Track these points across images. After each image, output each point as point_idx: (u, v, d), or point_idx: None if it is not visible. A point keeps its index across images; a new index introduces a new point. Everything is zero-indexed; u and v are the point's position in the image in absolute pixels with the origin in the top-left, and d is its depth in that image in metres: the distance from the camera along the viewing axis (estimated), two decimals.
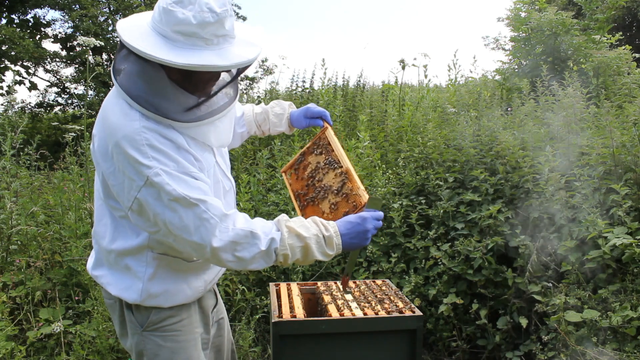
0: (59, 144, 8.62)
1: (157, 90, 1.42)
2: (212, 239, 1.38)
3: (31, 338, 3.08)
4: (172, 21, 1.35)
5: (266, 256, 1.45)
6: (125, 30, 1.39)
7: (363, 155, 4.29)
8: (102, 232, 1.60)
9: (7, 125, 4.06)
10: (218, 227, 1.39)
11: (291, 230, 1.47)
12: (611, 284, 2.86)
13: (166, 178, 1.36)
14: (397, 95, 5.79)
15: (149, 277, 1.56)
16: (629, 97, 4.55)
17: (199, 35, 1.36)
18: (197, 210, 1.37)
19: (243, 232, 1.41)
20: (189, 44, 1.37)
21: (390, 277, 3.49)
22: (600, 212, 3.13)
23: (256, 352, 3.31)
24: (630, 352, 2.53)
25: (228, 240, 1.40)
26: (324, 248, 1.50)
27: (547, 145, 3.59)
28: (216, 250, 1.39)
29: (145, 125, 1.40)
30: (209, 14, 1.35)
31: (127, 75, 1.44)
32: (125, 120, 1.40)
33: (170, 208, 1.37)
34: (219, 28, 1.37)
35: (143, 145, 1.37)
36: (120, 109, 1.43)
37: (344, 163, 1.81)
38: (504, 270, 3.28)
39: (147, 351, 1.63)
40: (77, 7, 13.17)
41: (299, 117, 1.95)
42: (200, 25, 1.34)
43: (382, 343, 2.08)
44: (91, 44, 3.80)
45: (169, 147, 1.40)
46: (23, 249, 3.64)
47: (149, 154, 1.37)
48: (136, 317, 1.62)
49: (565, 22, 5.58)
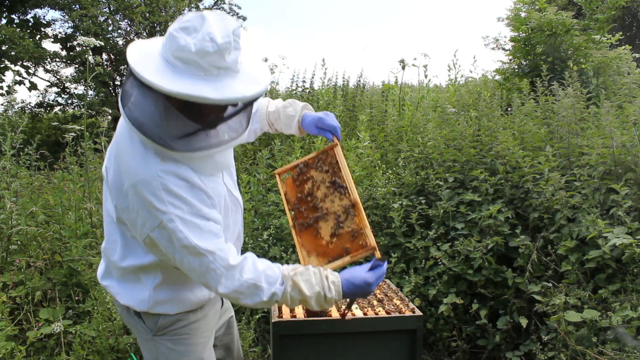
0: (59, 144, 8.62)
1: (152, 115, 1.39)
2: (217, 286, 1.45)
3: (31, 338, 3.08)
4: (173, 46, 1.33)
5: (267, 303, 1.52)
6: (132, 50, 1.38)
7: (363, 155, 4.29)
8: (112, 249, 1.63)
9: (7, 125, 4.06)
10: (224, 276, 1.45)
11: (295, 285, 1.51)
12: (611, 284, 2.86)
13: (179, 225, 1.39)
14: (397, 95, 5.79)
15: (156, 285, 1.61)
16: (629, 97, 4.55)
17: (198, 64, 1.32)
18: (205, 260, 1.43)
19: (247, 283, 1.47)
20: (187, 71, 1.33)
21: (390, 277, 3.49)
22: (600, 212, 3.13)
23: (256, 352, 3.31)
24: (630, 352, 2.53)
25: (232, 289, 1.46)
26: (322, 304, 1.55)
27: (547, 145, 3.59)
28: (221, 294, 1.48)
29: (162, 169, 1.40)
30: (209, 43, 1.31)
31: (130, 96, 1.43)
32: (142, 163, 1.41)
33: (180, 252, 1.42)
34: (218, 59, 1.33)
35: (159, 189, 1.39)
36: (136, 151, 1.43)
37: (352, 192, 1.75)
38: (504, 270, 3.28)
39: (160, 355, 1.69)
40: (77, 7, 13.17)
41: (310, 124, 1.87)
42: (199, 54, 1.31)
43: (382, 343, 2.08)
44: (91, 44, 3.80)
45: (184, 189, 1.42)
46: (23, 249, 3.64)
47: (165, 199, 1.39)
48: (146, 323, 1.67)
49: (565, 22, 5.57)
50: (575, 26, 5.79)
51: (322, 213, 1.77)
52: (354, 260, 1.71)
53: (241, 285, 1.46)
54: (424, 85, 6.21)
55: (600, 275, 2.95)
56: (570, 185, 3.35)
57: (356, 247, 1.68)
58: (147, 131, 1.38)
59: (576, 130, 3.75)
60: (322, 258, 1.72)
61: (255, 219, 3.97)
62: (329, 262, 1.70)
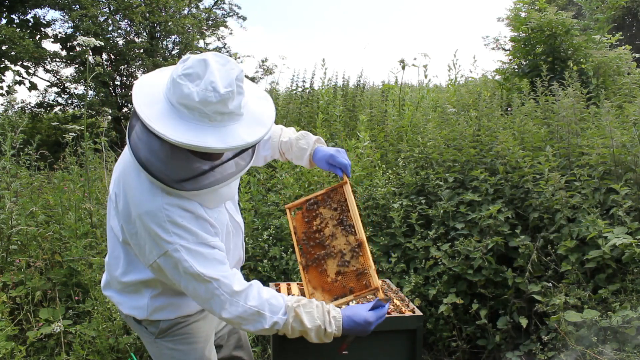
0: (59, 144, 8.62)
1: (158, 155, 1.43)
2: (221, 311, 1.49)
3: (31, 338, 3.08)
4: (177, 93, 1.35)
5: (268, 331, 1.55)
6: (138, 91, 1.41)
7: (363, 155, 4.29)
8: (115, 264, 1.68)
9: (7, 125, 4.06)
10: (228, 302, 1.48)
11: (297, 316, 1.54)
12: (611, 284, 2.86)
13: (184, 254, 1.43)
14: (397, 95, 5.79)
15: (153, 295, 1.66)
16: (629, 97, 4.55)
17: (201, 111, 1.35)
18: (210, 287, 1.46)
19: (251, 310, 1.50)
20: (192, 118, 1.36)
21: (390, 277, 3.49)
22: (600, 212, 3.13)
23: (256, 352, 3.31)
24: (630, 352, 2.53)
25: (236, 315, 1.50)
26: (321, 337, 1.60)
27: (547, 145, 3.59)
28: (224, 319, 1.51)
29: (167, 202, 1.44)
30: (212, 93, 1.33)
31: (136, 134, 1.46)
32: (148, 195, 1.45)
33: (186, 279, 1.46)
34: (221, 107, 1.36)
35: (165, 221, 1.43)
36: (143, 184, 1.46)
37: (359, 232, 1.78)
38: (504, 270, 3.28)
39: (164, 356, 1.74)
40: (77, 7, 13.17)
41: (321, 160, 1.89)
42: (202, 103, 1.34)
43: (382, 343, 2.08)
44: (91, 44, 3.80)
45: (188, 220, 1.46)
46: (23, 249, 3.64)
47: (170, 230, 1.43)
48: (148, 329, 1.73)
49: (565, 22, 5.57)
50: (575, 26, 5.79)
51: (328, 251, 1.80)
52: (357, 299, 1.76)
53: (245, 311, 1.49)
54: (424, 85, 6.21)
55: (600, 275, 2.95)
56: (570, 185, 3.35)
57: (360, 286, 1.72)
58: (153, 172, 1.42)
59: (576, 130, 3.75)
60: (327, 295, 1.76)
61: (255, 219, 3.97)
62: (333, 300, 1.74)
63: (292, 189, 3.99)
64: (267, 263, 3.60)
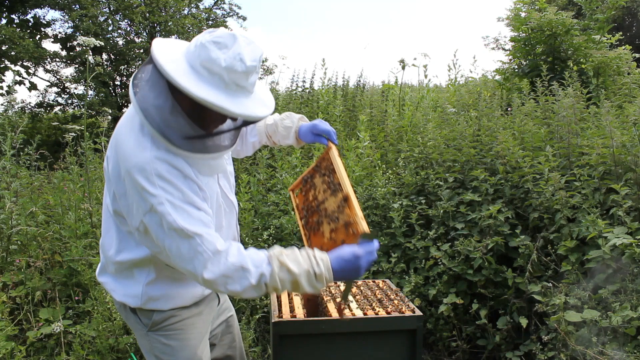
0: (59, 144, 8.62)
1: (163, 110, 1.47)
2: (203, 271, 1.44)
3: (31, 338, 3.08)
4: (203, 56, 1.41)
5: (257, 288, 1.48)
6: (159, 48, 1.44)
7: (363, 155, 4.29)
8: (108, 244, 1.68)
9: (7, 125, 4.06)
10: (210, 260, 1.44)
11: (282, 264, 1.49)
12: (611, 284, 2.86)
13: (169, 208, 1.42)
14: (397, 95, 5.79)
15: (148, 282, 1.65)
16: (629, 97, 4.55)
17: (222, 77, 1.41)
18: (193, 243, 1.43)
19: (234, 266, 1.45)
20: (211, 81, 1.41)
21: (390, 277, 3.49)
22: (600, 212, 3.13)
23: (256, 352, 3.31)
24: (630, 352, 2.53)
25: (219, 274, 1.44)
26: (313, 283, 1.51)
27: (547, 145, 3.59)
28: (208, 281, 1.45)
29: (156, 155, 1.45)
30: (239, 62, 1.41)
31: (145, 88, 1.50)
32: (138, 149, 1.46)
33: (170, 236, 1.43)
34: (242, 79, 1.43)
35: (152, 175, 1.43)
36: (134, 138, 1.49)
37: (344, 187, 1.76)
38: (504, 270, 3.28)
39: (155, 350, 1.72)
40: (77, 7, 13.18)
41: (307, 132, 1.95)
42: (227, 70, 1.41)
43: (382, 343, 2.08)
44: (91, 44, 3.80)
45: (176, 177, 1.46)
46: (23, 249, 3.64)
47: (156, 184, 1.43)
48: (141, 320, 1.71)
49: (565, 22, 5.57)
50: (575, 26, 5.79)
51: (322, 214, 1.81)
52: None
53: (228, 268, 1.44)
54: (424, 85, 6.21)
55: (600, 275, 2.95)
56: (570, 185, 3.35)
57: (350, 237, 1.67)
58: (153, 123, 1.44)
59: (576, 130, 3.75)
60: None
61: (255, 219, 3.97)
62: None
63: None
64: None
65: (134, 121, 1.52)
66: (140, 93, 1.48)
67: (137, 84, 1.50)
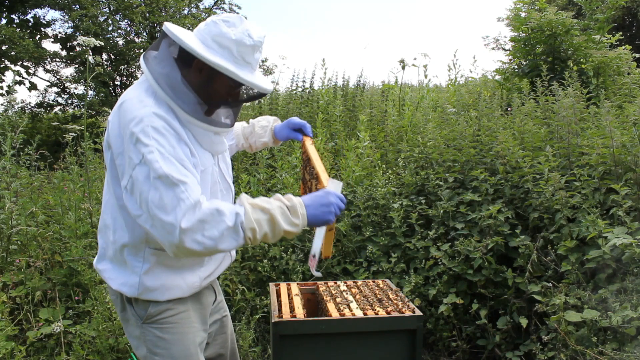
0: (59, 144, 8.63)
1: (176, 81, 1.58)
2: (182, 219, 1.43)
3: (31, 338, 3.08)
4: (214, 31, 1.57)
5: (234, 233, 1.48)
6: (172, 26, 1.59)
7: (363, 155, 4.29)
8: (106, 224, 1.71)
9: (7, 125, 4.05)
10: (191, 209, 1.45)
11: (254, 205, 1.53)
12: (611, 284, 2.86)
13: (158, 156, 1.46)
14: (397, 95, 5.80)
15: (145, 271, 1.65)
16: (629, 97, 4.55)
17: (231, 50, 1.56)
18: (177, 191, 1.45)
19: (209, 210, 1.47)
20: (220, 53, 1.56)
21: (390, 277, 3.49)
22: (600, 212, 3.13)
23: (256, 352, 3.31)
24: (630, 352, 2.53)
25: (196, 220, 1.44)
26: (289, 218, 1.54)
27: (547, 145, 3.59)
28: (185, 232, 1.43)
29: (155, 112, 1.52)
30: (247, 37, 1.57)
31: (156, 62, 1.60)
32: (139, 105, 1.54)
33: (155, 186, 1.45)
34: (248, 53, 1.59)
35: (148, 127, 1.49)
36: (137, 96, 1.58)
37: (316, 168, 1.82)
38: (504, 270, 3.28)
39: (148, 343, 1.71)
40: (77, 7, 13.17)
41: (282, 128, 2.08)
42: (236, 42, 1.56)
43: (382, 343, 2.08)
44: (91, 44, 3.80)
45: (170, 135, 1.52)
46: (23, 249, 3.64)
47: (151, 135, 1.48)
48: (136, 311, 1.70)
49: (565, 22, 5.57)
50: (575, 26, 5.79)
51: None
52: None
53: (203, 214, 1.45)
54: (424, 85, 6.22)
55: (600, 275, 2.95)
56: (570, 185, 3.35)
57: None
58: (165, 89, 1.55)
59: (576, 130, 3.75)
60: None
61: None
62: None
63: (292, 189, 3.99)
64: (267, 263, 3.60)
65: (139, 86, 1.62)
66: (152, 63, 1.59)
67: (149, 56, 1.62)
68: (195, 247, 1.45)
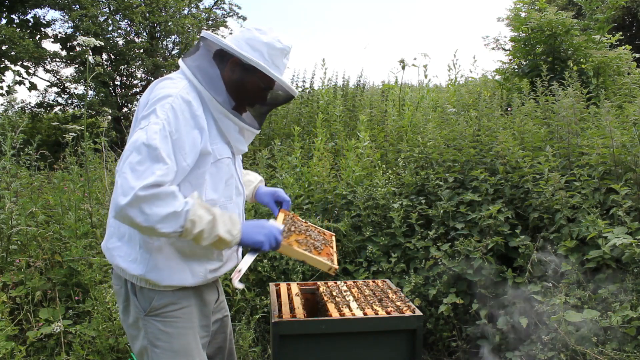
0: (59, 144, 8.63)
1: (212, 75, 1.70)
2: (142, 187, 1.47)
3: (31, 338, 3.08)
4: (247, 35, 1.73)
5: (177, 217, 1.53)
6: (208, 33, 1.76)
7: (363, 155, 4.29)
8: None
9: (7, 125, 4.05)
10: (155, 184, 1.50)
11: (202, 204, 1.60)
12: (611, 284, 2.86)
13: (159, 129, 1.53)
14: (397, 95, 5.80)
15: (158, 248, 1.68)
16: (629, 97, 4.55)
17: (262, 52, 1.71)
18: (156, 165, 1.51)
19: (169, 190, 1.53)
20: (252, 54, 1.70)
21: (390, 277, 3.49)
22: (600, 212, 3.13)
23: (256, 352, 3.31)
24: (630, 352, 2.53)
25: (152, 193, 1.49)
26: (228, 226, 1.64)
27: (547, 145, 3.59)
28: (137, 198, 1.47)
29: (182, 95, 1.61)
30: (277, 42, 1.73)
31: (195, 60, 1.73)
32: (171, 85, 1.65)
33: (139, 151, 1.51)
34: (278, 57, 1.75)
35: (168, 104, 1.58)
36: (171, 80, 1.69)
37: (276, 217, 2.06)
38: (504, 270, 3.28)
39: (149, 335, 1.72)
40: (77, 7, 13.17)
41: (266, 195, 2.13)
42: (267, 45, 1.71)
43: (382, 343, 2.08)
44: (91, 44, 3.80)
45: (185, 120, 1.59)
46: (23, 249, 3.64)
47: (166, 111, 1.57)
48: (140, 302, 1.72)
49: (565, 22, 5.57)
50: (575, 26, 5.79)
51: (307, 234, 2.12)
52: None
53: (162, 191, 1.50)
54: (424, 85, 6.22)
55: (600, 275, 2.95)
56: (570, 185, 3.35)
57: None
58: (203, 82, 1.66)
59: (576, 130, 3.75)
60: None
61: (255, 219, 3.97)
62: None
63: (292, 189, 3.99)
64: (267, 263, 3.60)
65: (174, 76, 1.73)
66: (189, 61, 1.72)
67: (186, 57, 1.75)
68: (138, 217, 1.49)
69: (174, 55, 14.94)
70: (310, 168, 4.25)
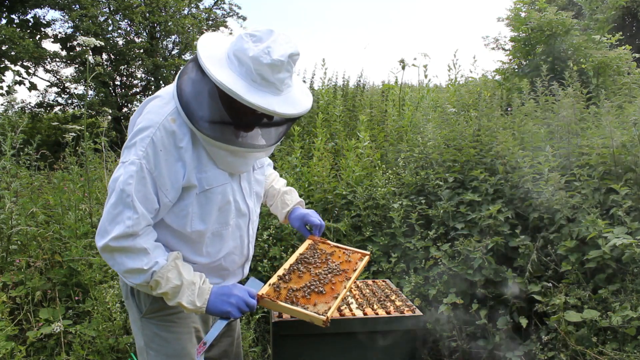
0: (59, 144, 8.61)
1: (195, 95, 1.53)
2: (114, 237, 1.48)
3: (31, 338, 3.08)
4: (237, 46, 1.50)
5: (143, 274, 1.52)
6: (201, 42, 1.56)
7: (363, 155, 4.29)
8: None
9: (7, 125, 4.05)
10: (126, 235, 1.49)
11: (176, 267, 1.55)
12: (611, 284, 2.86)
13: (135, 172, 1.48)
14: (397, 95, 5.80)
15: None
16: (629, 97, 4.55)
17: (249, 69, 1.47)
18: (127, 212, 1.48)
19: (139, 246, 1.51)
20: (239, 70, 1.49)
21: (390, 277, 3.49)
22: (600, 212, 3.13)
23: (256, 352, 3.31)
24: (630, 352, 2.53)
25: (123, 246, 1.49)
26: (192, 297, 1.57)
27: (547, 145, 3.59)
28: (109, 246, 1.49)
29: (165, 125, 1.51)
30: (265, 55, 1.46)
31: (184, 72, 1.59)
32: (157, 110, 1.54)
33: (116, 193, 1.50)
34: (267, 72, 1.47)
35: (149, 138, 1.49)
36: (160, 97, 1.59)
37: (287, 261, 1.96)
38: (504, 270, 3.28)
39: (145, 337, 1.73)
40: (77, 7, 13.18)
41: (298, 218, 2.05)
42: (253, 60, 1.47)
43: (382, 343, 2.08)
44: (91, 44, 3.80)
45: (167, 153, 1.51)
46: (23, 249, 3.64)
47: (146, 146, 1.49)
48: (137, 303, 1.73)
49: (565, 22, 5.57)
50: (575, 26, 5.79)
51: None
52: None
53: (133, 246, 1.50)
54: (424, 85, 6.21)
55: (600, 275, 2.95)
56: (570, 185, 3.35)
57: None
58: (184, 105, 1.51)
59: (576, 130, 3.75)
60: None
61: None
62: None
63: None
64: (267, 263, 3.60)
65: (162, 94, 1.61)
66: (180, 79, 1.57)
67: (182, 73, 1.60)
68: (109, 261, 1.53)
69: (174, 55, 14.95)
70: (310, 168, 4.25)
